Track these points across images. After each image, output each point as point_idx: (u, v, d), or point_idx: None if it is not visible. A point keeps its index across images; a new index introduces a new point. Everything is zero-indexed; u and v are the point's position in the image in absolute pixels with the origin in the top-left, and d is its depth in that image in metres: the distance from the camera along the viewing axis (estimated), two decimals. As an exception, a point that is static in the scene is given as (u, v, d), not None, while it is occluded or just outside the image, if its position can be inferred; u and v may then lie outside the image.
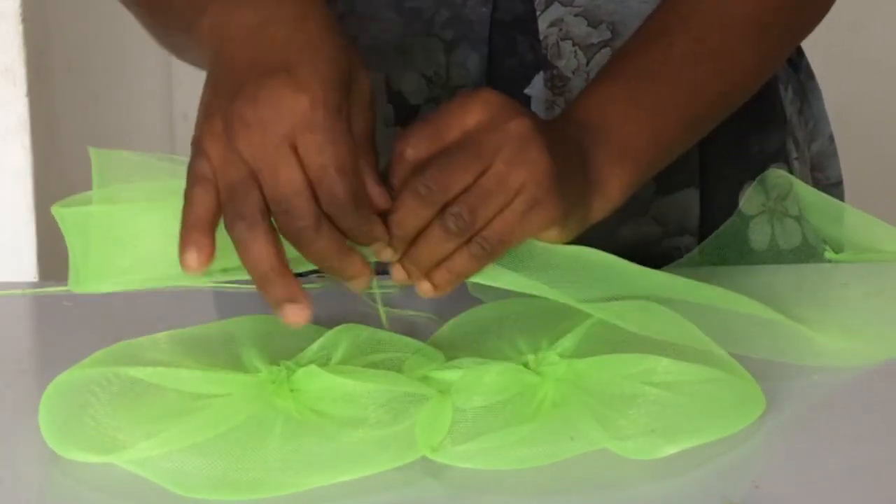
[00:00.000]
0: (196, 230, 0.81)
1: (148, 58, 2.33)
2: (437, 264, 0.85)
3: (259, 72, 0.82)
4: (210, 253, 0.81)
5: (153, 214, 0.85)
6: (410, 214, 0.83)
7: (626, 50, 0.99)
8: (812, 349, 0.93)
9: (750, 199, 1.10)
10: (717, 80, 0.99)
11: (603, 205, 0.91)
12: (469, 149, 0.83)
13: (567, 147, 0.89)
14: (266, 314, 0.93)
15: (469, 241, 0.84)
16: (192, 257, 0.81)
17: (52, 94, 2.04)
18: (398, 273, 0.85)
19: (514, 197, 0.84)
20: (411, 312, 0.98)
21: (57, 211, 0.86)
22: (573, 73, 1.06)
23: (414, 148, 0.84)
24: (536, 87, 1.06)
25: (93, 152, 0.88)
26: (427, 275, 0.85)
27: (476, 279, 0.87)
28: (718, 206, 1.10)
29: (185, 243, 0.81)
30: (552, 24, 1.06)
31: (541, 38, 1.06)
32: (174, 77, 2.40)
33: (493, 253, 0.85)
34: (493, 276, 0.87)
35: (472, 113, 0.84)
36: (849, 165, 1.24)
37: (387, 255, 0.85)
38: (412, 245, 0.84)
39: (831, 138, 1.20)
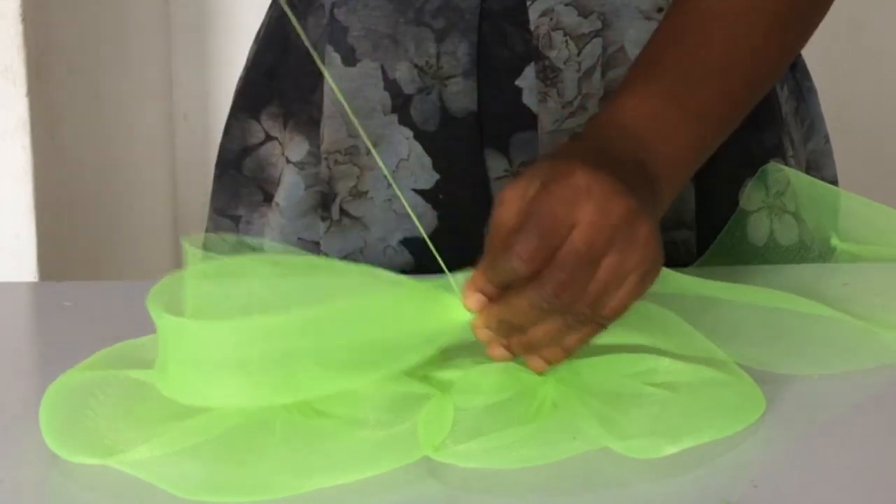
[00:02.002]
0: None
1: (148, 58, 2.33)
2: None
3: None
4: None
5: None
6: (526, 321, 0.83)
7: (661, 43, 0.97)
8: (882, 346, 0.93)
9: (749, 195, 1.10)
10: (748, 80, 0.98)
11: (659, 214, 0.90)
12: (584, 257, 0.82)
13: (634, 173, 0.87)
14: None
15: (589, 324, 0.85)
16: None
17: (52, 94, 2.03)
18: (500, 353, 0.86)
19: (629, 276, 0.84)
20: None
21: (153, 307, 0.83)
22: (564, 63, 1.06)
23: (527, 264, 0.82)
24: (528, 78, 1.06)
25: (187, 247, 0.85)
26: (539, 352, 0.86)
27: None
28: (715, 201, 1.10)
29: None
30: (543, 14, 1.06)
31: (531, 28, 1.06)
32: (174, 77, 2.40)
33: (607, 327, 0.86)
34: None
35: (579, 213, 0.83)
36: (844, 165, 1.24)
37: (502, 354, 0.86)
38: (522, 334, 0.84)
39: (827, 138, 1.20)
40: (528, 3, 1.06)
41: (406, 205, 0.93)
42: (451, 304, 0.84)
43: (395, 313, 0.84)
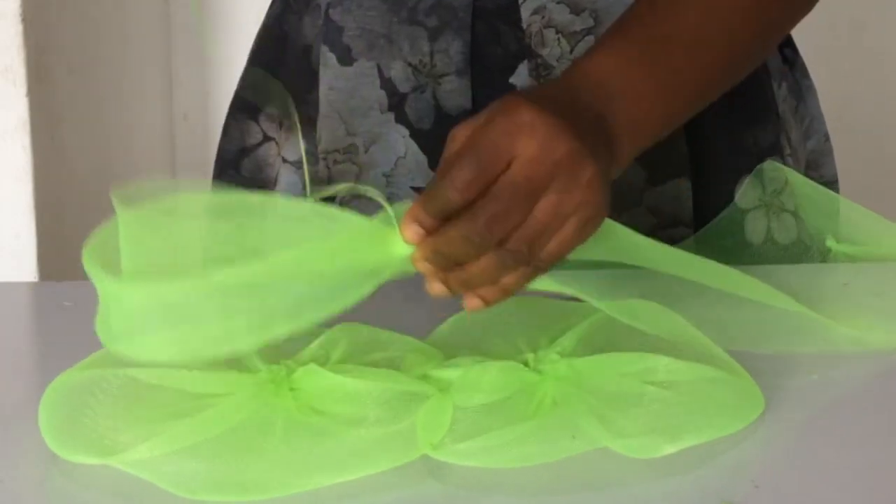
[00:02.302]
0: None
1: (148, 58, 2.33)
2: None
3: None
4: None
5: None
6: (461, 254, 0.82)
7: (637, 12, 0.96)
8: (827, 337, 0.93)
9: (746, 192, 1.10)
10: (724, 55, 0.98)
11: (616, 169, 0.90)
12: (521, 190, 0.82)
13: (590, 122, 0.87)
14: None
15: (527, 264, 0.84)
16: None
17: (52, 94, 2.03)
18: (438, 288, 0.84)
19: (569, 219, 0.83)
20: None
21: (88, 263, 0.82)
22: (557, 61, 1.06)
23: (461, 192, 0.82)
24: (521, 76, 1.06)
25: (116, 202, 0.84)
26: (476, 291, 0.85)
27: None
28: (713, 199, 1.10)
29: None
30: (535, 13, 1.06)
31: (524, 26, 1.06)
32: (174, 77, 2.40)
33: (546, 270, 0.85)
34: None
35: (519, 145, 0.82)
36: (844, 164, 1.24)
37: (440, 289, 0.84)
38: (460, 269, 0.83)
39: (826, 137, 1.20)
40: (521, 1, 1.06)
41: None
42: (392, 237, 0.83)
43: (335, 250, 0.82)
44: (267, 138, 1.15)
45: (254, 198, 0.87)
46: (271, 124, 1.15)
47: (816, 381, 0.90)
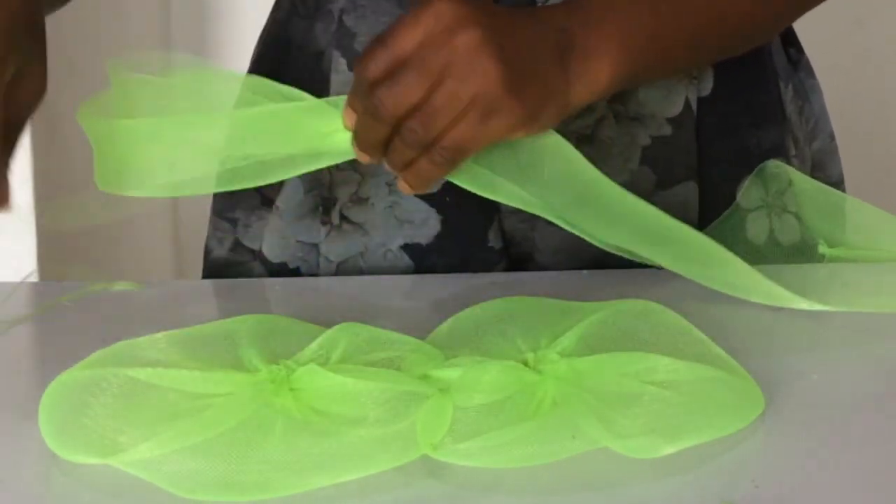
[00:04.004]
0: None
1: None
2: (408, 166, 0.90)
3: None
4: None
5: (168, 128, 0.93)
6: (367, 131, 0.88)
7: None
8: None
9: (748, 192, 1.10)
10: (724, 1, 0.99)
11: (586, 91, 0.92)
12: (416, 67, 0.86)
13: (534, 39, 0.90)
14: (266, 314, 0.93)
15: (431, 149, 0.88)
16: None
17: (52, 94, 2.03)
18: (362, 157, 0.91)
19: (468, 109, 0.87)
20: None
21: (82, 119, 0.95)
22: None
23: (368, 67, 0.87)
24: None
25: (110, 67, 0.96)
26: (402, 174, 0.91)
27: (457, 181, 0.92)
28: (717, 201, 1.10)
29: None
30: None
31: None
32: (174, 77, 2.40)
33: (454, 159, 0.89)
34: (475, 180, 0.93)
35: (423, 25, 0.87)
36: (850, 164, 1.24)
37: (364, 158, 0.91)
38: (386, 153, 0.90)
39: (832, 136, 1.20)
40: (537, 4, 1.06)
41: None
42: (336, 121, 0.91)
43: (286, 118, 0.91)
44: None
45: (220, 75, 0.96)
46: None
47: (816, 381, 0.91)
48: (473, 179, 0.93)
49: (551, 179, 0.93)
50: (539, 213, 0.95)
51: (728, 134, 1.10)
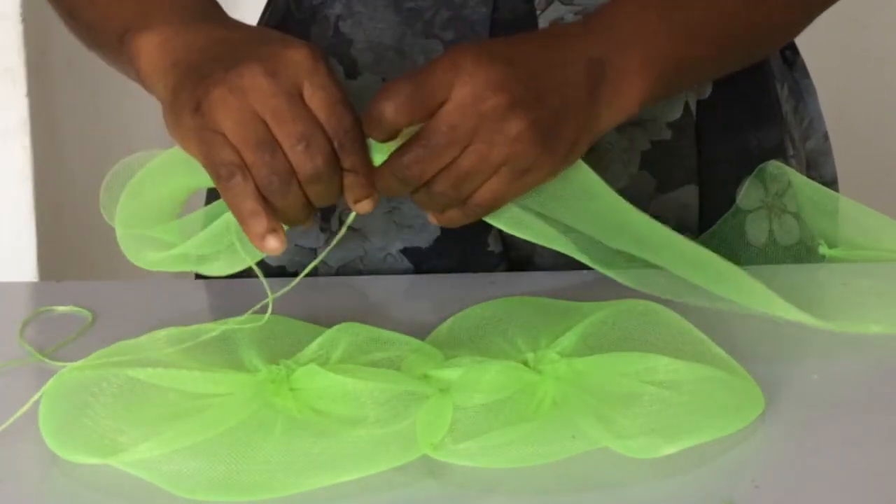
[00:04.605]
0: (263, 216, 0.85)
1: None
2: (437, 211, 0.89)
3: (242, 54, 0.86)
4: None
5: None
6: (391, 188, 0.87)
7: None
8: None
9: (747, 193, 1.10)
10: (749, 9, 0.99)
11: (615, 116, 0.92)
12: (446, 135, 0.85)
13: (564, 78, 0.89)
14: (265, 314, 0.93)
15: (463, 204, 0.88)
16: (275, 243, 0.85)
17: (52, 94, 2.03)
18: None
19: (500, 169, 0.86)
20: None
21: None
22: None
23: (396, 111, 0.86)
24: None
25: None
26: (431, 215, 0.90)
27: (494, 222, 0.91)
28: (718, 204, 1.10)
29: (262, 231, 0.85)
30: (552, 24, 1.06)
31: (541, 37, 1.06)
32: (174, 77, 2.40)
33: (488, 212, 0.89)
34: (514, 222, 0.91)
35: (456, 85, 0.85)
36: (844, 164, 1.24)
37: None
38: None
39: (826, 136, 1.20)
40: (538, 12, 1.06)
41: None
42: None
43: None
44: None
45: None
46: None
47: (816, 381, 0.90)
48: (499, 216, 0.92)
49: (578, 210, 0.93)
50: (565, 250, 0.94)
51: (728, 136, 1.10)
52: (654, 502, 0.78)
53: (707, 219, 1.10)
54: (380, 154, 0.87)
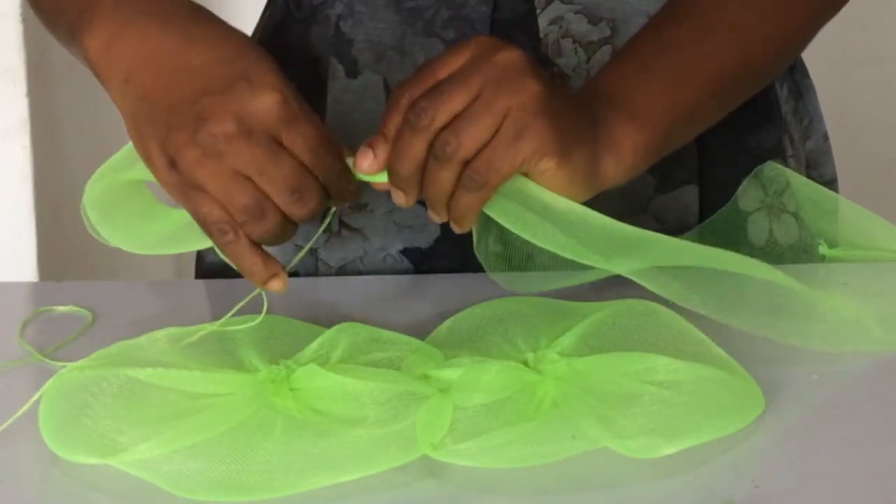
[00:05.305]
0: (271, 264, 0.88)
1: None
2: (446, 198, 0.89)
3: (209, 91, 0.86)
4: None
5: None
6: (405, 145, 0.86)
7: (647, 26, 1.00)
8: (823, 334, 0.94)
9: (746, 194, 1.10)
10: (738, 50, 0.99)
11: (618, 166, 0.91)
12: (457, 79, 0.86)
13: (571, 106, 0.90)
14: (265, 314, 0.93)
15: (463, 175, 0.87)
16: (278, 285, 0.88)
17: (52, 94, 2.03)
18: (398, 196, 0.90)
19: (501, 121, 0.86)
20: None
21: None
22: (573, 70, 1.06)
23: (409, 92, 0.87)
24: None
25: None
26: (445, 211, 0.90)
27: (494, 215, 0.90)
28: (717, 204, 1.10)
29: (264, 280, 0.88)
30: (552, 23, 1.06)
31: (541, 36, 1.06)
32: (174, 77, 2.40)
33: (486, 184, 0.87)
34: (512, 215, 0.90)
35: (465, 52, 0.87)
36: (844, 164, 1.24)
37: (400, 199, 0.89)
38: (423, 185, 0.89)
39: (826, 136, 1.20)
40: (538, 11, 1.06)
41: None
42: None
43: None
44: None
45: None
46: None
47: (816, 381, 0.90)
48: (506, 214, 0.91)
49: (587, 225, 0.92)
50: (574, 256, 0.93)
51: (728, 136, 1.10)
52: (654, 502, 0.78)
53: (707, 219, 1.10)
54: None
